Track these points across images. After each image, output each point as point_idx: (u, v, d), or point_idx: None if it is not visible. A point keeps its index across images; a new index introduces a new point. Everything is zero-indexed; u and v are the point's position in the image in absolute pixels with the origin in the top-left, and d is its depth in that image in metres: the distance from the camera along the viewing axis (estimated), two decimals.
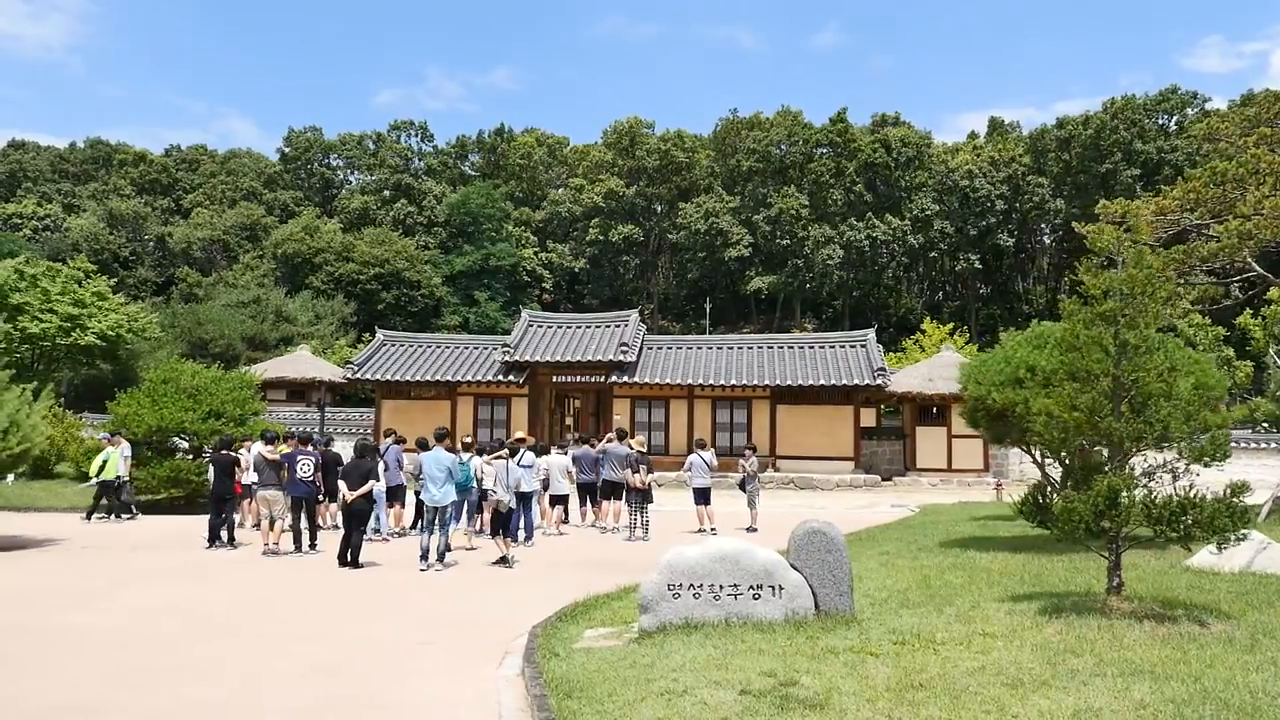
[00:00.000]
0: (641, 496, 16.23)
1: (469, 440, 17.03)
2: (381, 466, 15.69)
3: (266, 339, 52.00)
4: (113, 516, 19.21)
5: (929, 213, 61.43)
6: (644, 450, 16.95)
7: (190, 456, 22.95)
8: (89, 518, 18.91)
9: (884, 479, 29.50)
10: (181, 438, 22.82)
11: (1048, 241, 71.14)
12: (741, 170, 68.24)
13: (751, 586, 7.71)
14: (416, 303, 62.92)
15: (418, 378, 30.63)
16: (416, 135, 78.46)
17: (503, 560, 12.45)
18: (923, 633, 7.44)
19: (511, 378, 30.03)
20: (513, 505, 13.08)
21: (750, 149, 65.58)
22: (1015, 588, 9.70)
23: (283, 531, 13.98)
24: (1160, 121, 60.72)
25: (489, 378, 30.30)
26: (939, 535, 15.36)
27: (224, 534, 14.60)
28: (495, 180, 75.57)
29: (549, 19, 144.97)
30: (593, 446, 18.53)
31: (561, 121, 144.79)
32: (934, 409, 30.62)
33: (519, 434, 16.77)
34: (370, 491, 12.72)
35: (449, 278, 65.79)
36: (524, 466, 15.36)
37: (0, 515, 20.83)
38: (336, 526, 15.96)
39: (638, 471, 16.30)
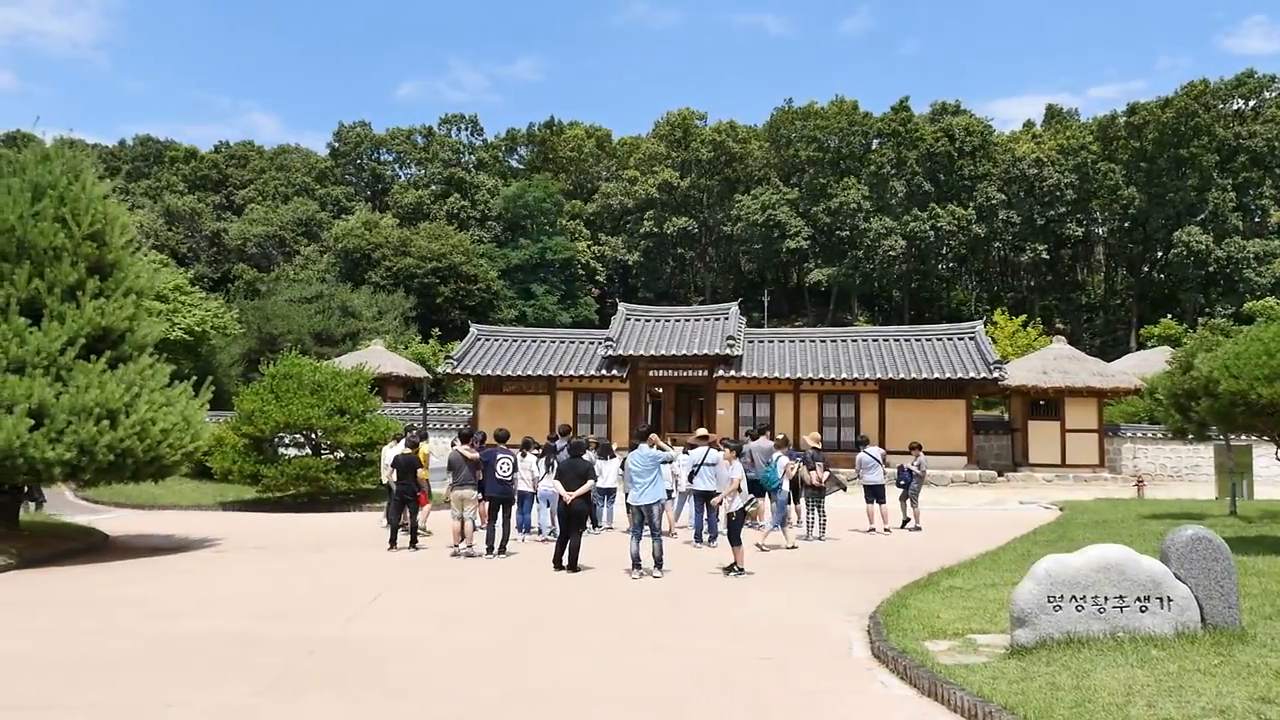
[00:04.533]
0: (817, 494, 15.66)
1: (703, 433, 16.15)
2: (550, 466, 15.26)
3: (333, 333, 51.69)
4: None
5: (994, 202, 60.37)
6: (819, 446, 16.38)
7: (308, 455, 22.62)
8: None
9: (997, 475, 28.76)
10: (305, 436, 22.47)
11: (1102, 232, 69.95)
12: (798, 161, 67.41)
13: (1138, 598, 7.09)
14: (473, 296, 62.53)
15: (516, 372, 30.17)
16: (467, 129, 78.10)
17: (733, 566, 11.81)
18: None
19: (614, 372, 29.50)
20: (745, 506, 12.35)
21: (810, 138, 64.71)
22: None
23: (474, 531, 13.48)
24: (1236, 106, 59.34)
25: (589, 372, 29.79)
26: (1152, 536, 14.61)
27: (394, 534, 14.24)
28: (544, 173, 75.10)
29: (570, 6, 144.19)
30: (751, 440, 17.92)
31: (589, 111, 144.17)
32: (1046, 402, 29.78)
33: (700, 431, 16.18)
34: (588, 492, 12.16)
35: (504, 271, 65.40)
36: (709, 465, 14.79)
37: (131, 513, 20.65)
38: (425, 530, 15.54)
39: (813, 468, 15.74)
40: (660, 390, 32.43)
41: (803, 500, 15.84)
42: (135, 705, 5.99)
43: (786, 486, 14.48)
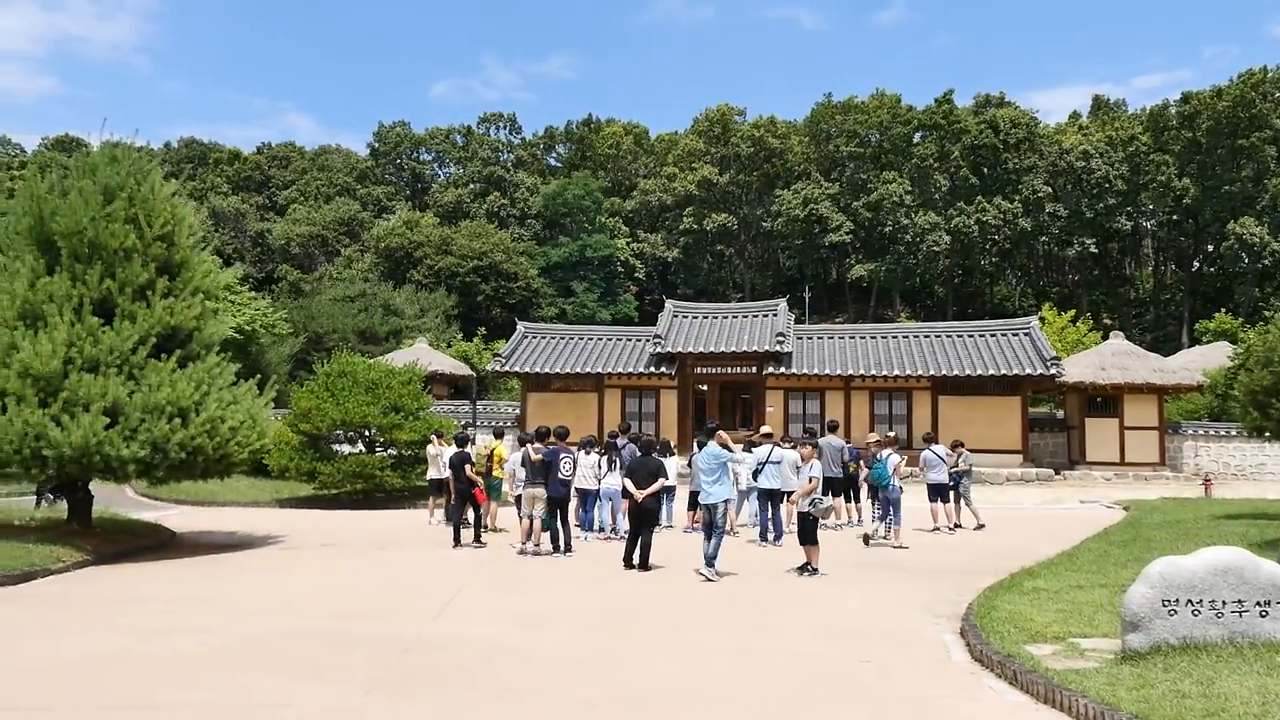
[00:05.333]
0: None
1: (768, 431, 16.01)
2: (618, 464, 15.17)
3: (376, 332, 52.11)
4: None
5: (1040, 195, 59.35)
6: (896, 441, 16.18)
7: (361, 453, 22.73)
8: None
9: (1054, 473, 28.23)
10: (359, 433, 22.60)
11: (1150, 225, 68.49)
12: (839, 155, 66.76)
13: (1258, 603, 6.83)
14: (514, 294, 62.70)
15: (564, 370, 30.15)
16: (505, 127, 78.32)
17: (805, 566, 11.62)
18: None
19: (663, 369, 29.37)
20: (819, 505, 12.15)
21: (851, 132, 64.06)
22: None
23: (543, 531, 13.42)
24: None
25: (638, 369, 29.68)
26: (1234, 538, 14.19)
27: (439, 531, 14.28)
28: (583, 171, 75.11)
29: (600, 3, 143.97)
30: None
31: (623, 109, 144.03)
32: (1103, 399, 29.17)
33: (765, 428, 16.01)
34: (659, 491, 12.03)
35: (544, 269, 65.51)
36: (773, 462, 14.62)
37: (191, 510, 20.86)
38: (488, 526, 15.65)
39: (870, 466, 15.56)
40: (705, 388, 32.24)
41: (863, 498, 15.66)
42: (247, 705, 5.97)
43: (898, 482, 14.52)
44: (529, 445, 13.49)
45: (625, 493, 15.70)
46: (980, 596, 9.62)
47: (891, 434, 15.62)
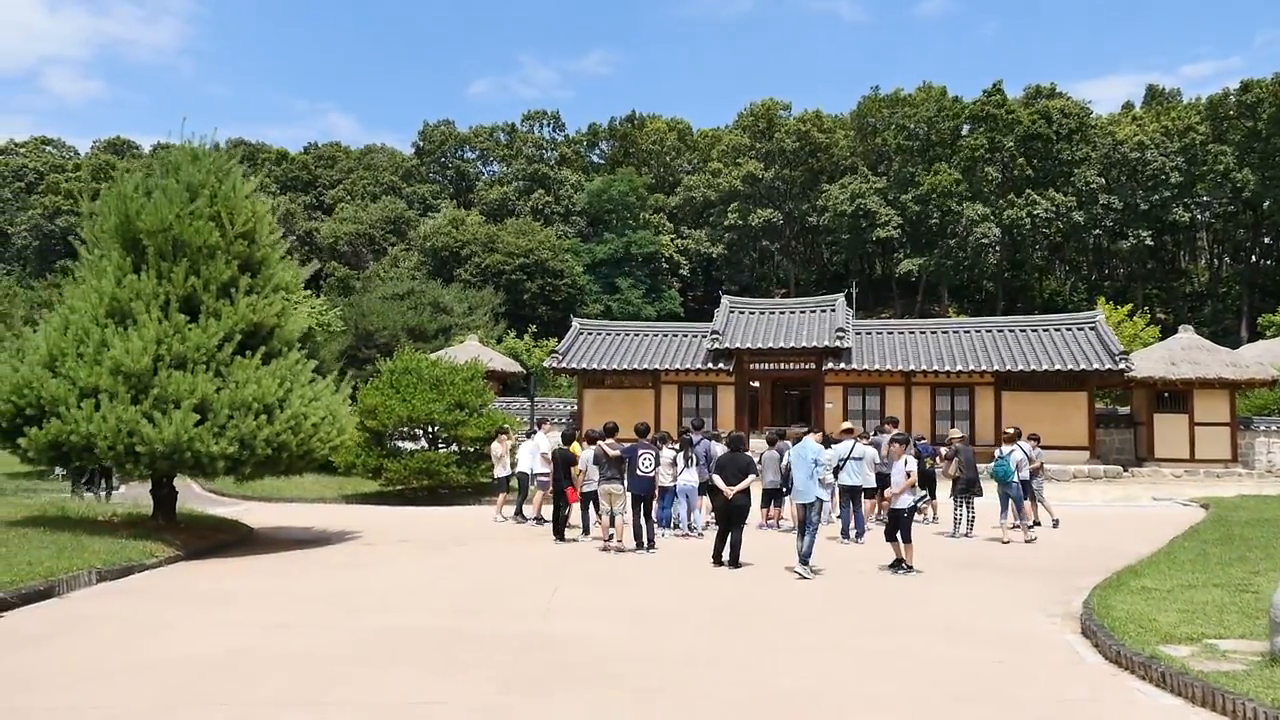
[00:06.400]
0: (967, 487, 15.16)
1: (849, 427, 15.78)
2: (693, 460, 15.04)
3: (426, 329, 52.39)
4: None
5: (1094, 186, 58.21)
6: (964, 438, 15.90)
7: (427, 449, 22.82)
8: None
9: (1122, 470, 27.63)
10: (423, 430, 22.68)
11: (1203, 217, 66.78)
12: (885, 149, 66.02)
13: None
14: (560, 292, 62.83)
15: (620, 366, 30.06)
16: (549, 125, 78.49)
17: (899, 564, 11.42)
18: None
19: (720, 365, 29.18)
20: (916, 503, 11.94)
21: (899, 125, 63.30)
22: None
23: (624, 526, 13.32)
24: None
25: (695, 366, 29.51)
26: None
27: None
28: (627, 167, 75.06)
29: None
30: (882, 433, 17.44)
31: (662, 104, 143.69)
32: (1172, 395, 28.48)
33: (846, 424, 15.79)
34: (748, 488, 11.87)
35: (589, 266, 65.56)
36: (855, 459, 14.41)
37: (259, 505, 21.01)
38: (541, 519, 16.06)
39: (951, 460, 15.31)
40: (757, 384, 31.96)
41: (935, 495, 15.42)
42: (389, 704, 5.91)
43: (1025, 475, 14.62)
44: (604, 442, 13.41)
45: (709, 489, 15.68)
46: (1095, 596, 9.34)
47: (1014, 429, 15.44)
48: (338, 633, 7.91)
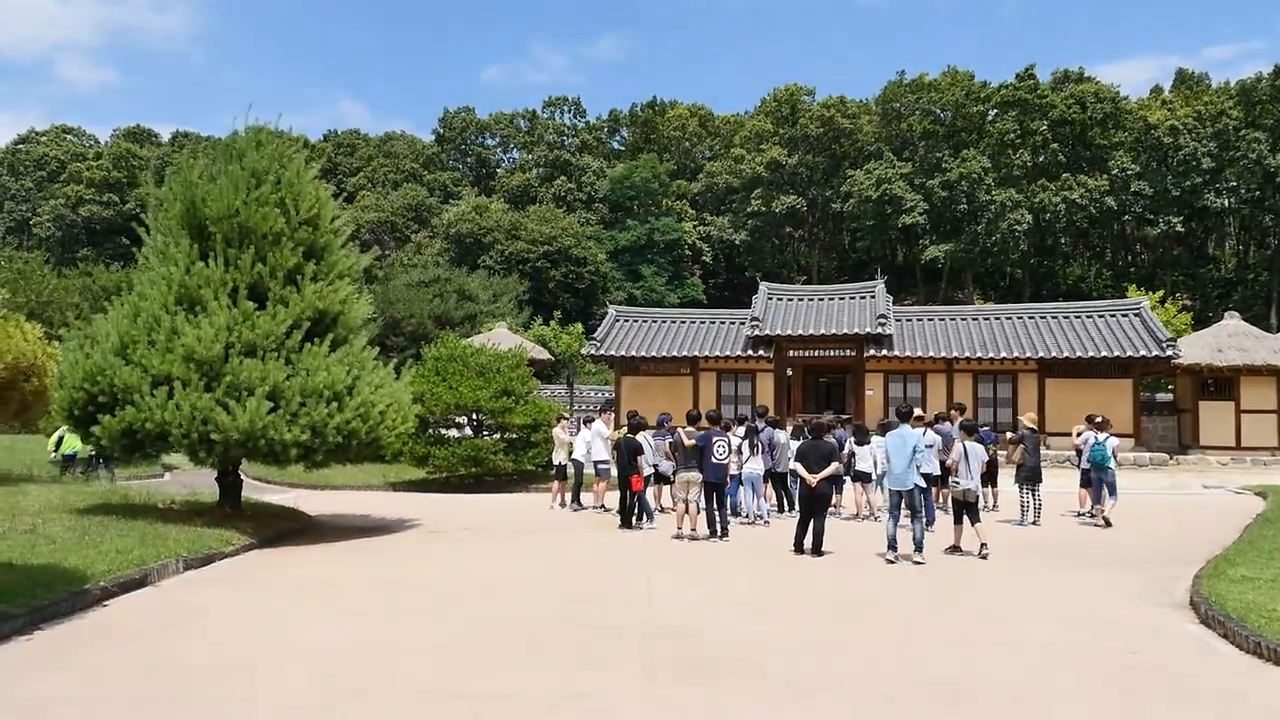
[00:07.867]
0: (1030, 474, 15.02)
1: (917, 414, 15.75)
2: (758, 448, 14.92)
3: (451, 316, 52.39)
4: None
5: (1128, 172, 57.59)
6: (1034, 428, 15.71)
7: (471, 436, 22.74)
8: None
9: (1168, 458, 27.35)
10: (469, 417, 22.61)
11: (1230, 202, 65.97)
12: (910, 134, 65.48)
13: None
14: (583, 279, 62.71)
15: (658, 353, 29.92)
16: (569, 111, 78.17)
17: (955, 548, 11.30)
18: None
19: (761, 352, 29.00)
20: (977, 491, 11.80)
21: (924, 110, 62.74)
22: None
23: (699, 514, 13.19)
24: None
25: (734, 352, 29.34)
26: None
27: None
28: (648, 154, 74.74)
29: None
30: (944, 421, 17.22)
31: (677, 89, 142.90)
32: (1217, 382, 28.15)
33: (916, 411, 15.57)
34: (832, 475, 11.72)
35: (612, 253, 65.38)
36: (927, 445, 14.23)
37: (307, 493, 20.92)
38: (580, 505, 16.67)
39: (1017, 446, 15.20)
40: (790, 371, 31.74)
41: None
42: (537, 696, 5.79)
43: (1114, 464, 14.85)
44: (680, 430, 13.27)
45: (779, 477, 15.56)
46: (1205, 586, 9.17)
47: (1100, 418, 15.69)
48: (450, 623, 7.79)
